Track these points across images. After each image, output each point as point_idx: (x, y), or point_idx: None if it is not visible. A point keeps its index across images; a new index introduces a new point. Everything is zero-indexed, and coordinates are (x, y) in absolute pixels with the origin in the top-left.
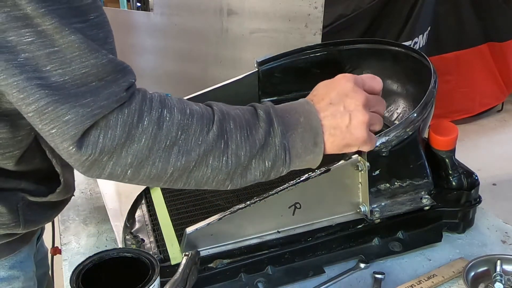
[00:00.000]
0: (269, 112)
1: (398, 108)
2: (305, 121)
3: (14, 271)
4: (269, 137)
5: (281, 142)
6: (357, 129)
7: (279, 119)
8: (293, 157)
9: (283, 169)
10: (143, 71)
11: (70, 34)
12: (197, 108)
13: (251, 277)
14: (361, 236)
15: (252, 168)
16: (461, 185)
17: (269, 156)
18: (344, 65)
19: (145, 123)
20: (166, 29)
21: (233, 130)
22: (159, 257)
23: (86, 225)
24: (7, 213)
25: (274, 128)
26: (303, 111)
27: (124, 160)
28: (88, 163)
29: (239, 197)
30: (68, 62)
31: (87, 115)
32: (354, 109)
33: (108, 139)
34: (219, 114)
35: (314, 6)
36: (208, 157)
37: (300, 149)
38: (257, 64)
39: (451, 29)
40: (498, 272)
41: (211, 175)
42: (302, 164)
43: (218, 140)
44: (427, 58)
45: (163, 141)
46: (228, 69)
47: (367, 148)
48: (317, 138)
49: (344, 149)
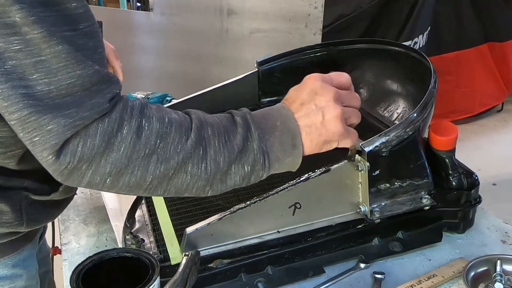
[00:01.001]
0: (246, 117)
1: (398, 108)
2: (282, 125)
3: (17, 269)
4: (247, 142)
5: (259, 146)
6: (331, 123)
7: (256, 124)
8: (272, 160)
9: (262, 173)
10: (143, 71)
11: (58, 44)
12: (175, 117)
13: (251, 277)
14: (361, 236)
15: (231, 173)
16: (461, 185)
17: (248, 161)
18: (344, 65)
19: (124, 132)
20: (166, 29)
21: (211, 137)
22: (159, 257)
23: (86, 225)
24: (10, 212)
25: (252, 133)
26: (280, 115)
27: (103, 168)
28: (67, 172)
29: (239, 197)
30: (54, 72)
31: (68, 126)
32: (325, 105)
33: (87, 148)
34: (196, 121)
35: (314, 6)
36: (187, 164)
37: (279, 152)
38: (257, 64)
39: (451, 29)
40: (498, 272)
41: (191, 182)
42: (282, 167)
43: (196, 147)
44: (427, 58)
45: (142, 149)
46: (228, 69)
47: (348, 143)
48: (295, 140)
49: (324, 146)
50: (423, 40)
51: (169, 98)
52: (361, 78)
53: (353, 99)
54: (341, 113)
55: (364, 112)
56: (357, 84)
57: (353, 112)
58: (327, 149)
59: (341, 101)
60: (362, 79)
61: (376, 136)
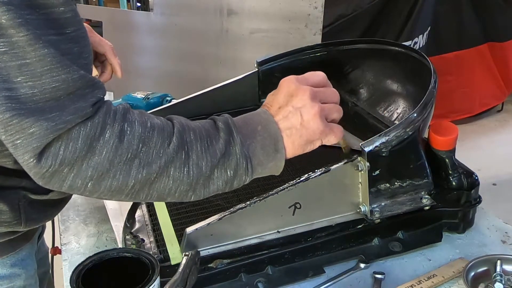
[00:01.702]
0: (227, 123)
1: (398, 108)
2: (263, 129)
3: (15, 269)
4: (230, 146)
5: (242, 150)
6: (310, 122)
7: (238, 129)
8: (255, 165)
9: (245, 178)
10: (143, 71)
11: (44, 48)
12: (157, 122)
13: (251, 277)
14: (361, 236)
15: (214, 178)
16: (461, 185)
17: (230, 165)
18: (344, 65)
19: (107, 136)
20: (166, 29)
21: (193, 141)
22: (159, 257)
23: (86, 225)
24: (9, 211)
25: (234, 137)
26: (260, 119)
27: (85, 172)
28: (48, 175)
29: (239, 197)
30: (38, 75)
31: (51, 129)
32: (302, 105)
33: (69, 151)
34: (178, 126)
35: (314, 6)
36: (169, 168)
37: (262, 157)
38: (257, 64)
39: (451, 29)
40: (498, 272)
41: (173, 186)
42: (265, 171)
43: (178, 151)
44: (427, 58)
45: (124, 153)
46: (228, 69)
47: (333, 139)
48: (277, 144)
49: (307, 147)
50: (423, 40)
51: (169, 98)
52: (361, 78)
53: (330, 95)
54: (319, 110)
55: (364, 112)
56: (357, 84)
57: (333, 108)
58: (310, 149)
59: (318, 98)
60: (362, 79)
61: (376, 136)
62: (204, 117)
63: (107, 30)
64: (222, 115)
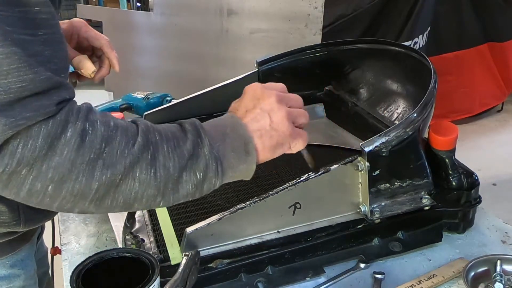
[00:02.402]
0: (195, 124)
1: (398, 108)
2: (232, 132)
3: (15, 269)
4: (198, 147)
5: (211, 152)
6: (279, 124)
7: (206, 131)
8: (225, 167)
9: (216, 181)
10: (143, 71)
11: (12, 45)
12: (121, 122)
13: (251, 277)
14: (361, 236)
15: (183, 181)
16: (461, 185)
17: (199, 167)
18: (344, 65)
19: (68, 134)
20: (166, 29)
21: (159, 142)
22: (159, 257)
23: (86, 225)
24: (8, 212)
25: (202, 138)
26: (228, 122)
27: (45, 174)
28: (5, 177)
29: (239, 197)
30: (4, 74)
31: (10, 125)
32: (270, 108)
33: (28, 150)
34: (143, 127)
35: (314, 6)
36: (135, 169)
37: (233, 159)
38: (257, 64)
39: (451, 29)
40: (498, 272)
41: (140, 190)
42: (235, 174)
43: (144, 151)
44: (427, 58)
45: (87, 154)
46: (228, 69)
47: (300, 144)
48: (248, 145)
49: (277, 149)
50: (423, 40)
51: (169, 98)
52: (361, 78)
53: (295, 100)
54: (287, 113)
55: (364, 112)
56: (357, 84)
57: (300, 112)
58: (280, 153)
59: (284, 102)
60: (362, 79)
61: (376, 136)
62: (204, 117)
63: (107, 30)
64: (190, 119)
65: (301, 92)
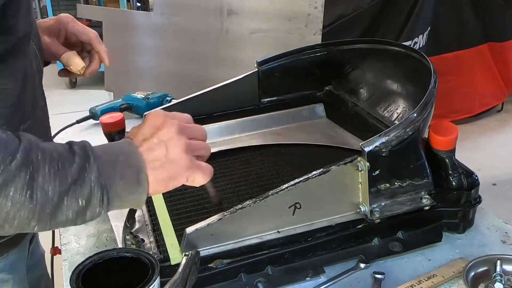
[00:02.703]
0: (85, 147)
1: (398, 108)
2: (125, 159)
3: (3, 274)
4: (84, 172)
5: (97, 179)
6: (176, 156)
7: (96, 156)
8: (112, 196)
9: (100, 210)
10: (143, 71)
11: None
12: (2, 135)
13: (251, 277)
14: (361, 236)
15: (63, 206)
16: (461, 185)
17: (83, 194)
18: (344, 65)
19: None
20: (166, 29)
21: (41, 162)
22: (159, 257)
23: (86, 225)
24: None
25: (90, 163)
26: (122, 149)
27: None
28: None
29: (239, 197)
30: None
31: None
32: (168, 138)
33: None
34: (26, 143)
35: (314, 6)
36: (8, 188)
37: (121, 187)
38: (257, 64)
39: (451, 29)
40: (498, 272)
41: (12, 210)
42: (124, 204)
43: (21, 170)
44: (427, 58)
45: None
46: (228, 69)
47: (200, 178)
48: (139, 175)
49: (171, 182)
50: (423, 40)
51: (169, 98)
52: (361, 78)
53: (198, 131)
54: (185, 145)
55: (364, 112)
56: (357, 84)
57: (201, 144)
58: (174, 186)
59: (185, 133)
60: (362, 79)
61: (376, 136)
62: (204, 117)
63: (107, 30)
64: (81, 140)
65: (301, 92)
